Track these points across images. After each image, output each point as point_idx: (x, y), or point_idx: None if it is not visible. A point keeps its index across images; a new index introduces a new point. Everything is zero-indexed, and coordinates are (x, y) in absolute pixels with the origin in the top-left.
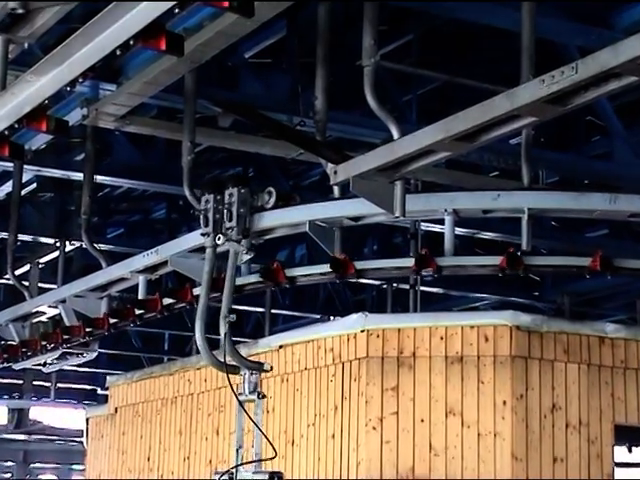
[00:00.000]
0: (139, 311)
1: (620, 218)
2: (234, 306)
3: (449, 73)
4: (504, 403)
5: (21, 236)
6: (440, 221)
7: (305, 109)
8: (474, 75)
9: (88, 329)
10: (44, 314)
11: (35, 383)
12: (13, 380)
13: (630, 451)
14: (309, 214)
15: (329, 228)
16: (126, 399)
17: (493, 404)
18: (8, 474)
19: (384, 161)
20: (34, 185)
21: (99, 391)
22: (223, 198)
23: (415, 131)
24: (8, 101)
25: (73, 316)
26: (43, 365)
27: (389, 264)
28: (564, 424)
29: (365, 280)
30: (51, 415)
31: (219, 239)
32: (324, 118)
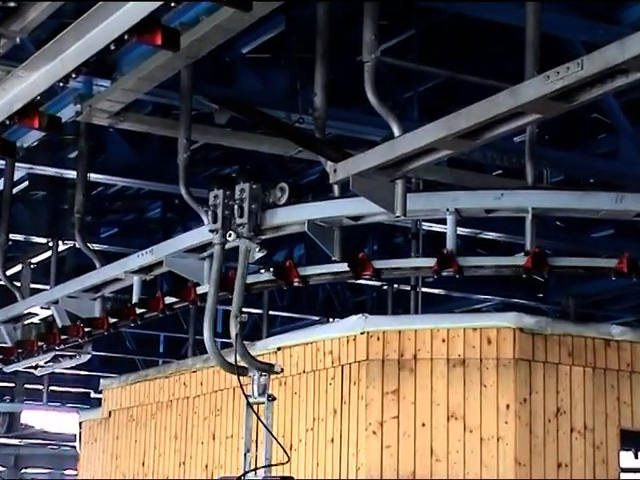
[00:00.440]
0: (140, 310)
1: (626, 218)
2: (228, 307)
3: (451, 69)
4: (507, 407)
5: (13, 235)
6: (442, 221)
7: (304, 106)
8: (477, 71)
9: (86, 329)
10: (36, 315)
11: (27, 386)
12: (4, 383)
13: (636, 456)
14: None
15: (328, 228)
16: (120, 402)
17: (496, 408)
18: None
19: (385, 159)
20: (26, 183)
21: (92, 394)
22: (233, 193)
23: (416, 128)
24: None
25: (66, 317)
26: (35, 368)
27: (409, 264)
28: (569, 429)
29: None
30: (43, 419)
31: (230, 236)
32: (323, 115)
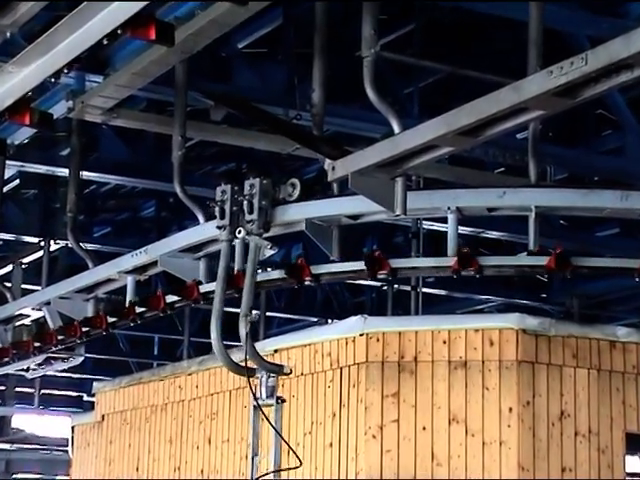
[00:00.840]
0: (140, 309)
1: (632, 217)
2: (227, 308)
3: (453, 64)
4: (510, 410)
5: (3, 235)
6: (443, 220)
7: (302, 102)
8: (479, 66)
9: (84, 329)
10: (28, 317)
11: (18, 389)
12: None
13: None
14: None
15: (327, 227)
16: (113, 406)
17: (498, 411)
18: None
19: (384, 157)
20: (17, 181)
21: (85, 398)
22: (242, 189)
23: (417, 125)
24: None
25: (58, 319)
26: (26, 370)
27: (427, 263)
28: (573, 432)
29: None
30: (35, 423)
31: (239, 232)
32: (322, 111)
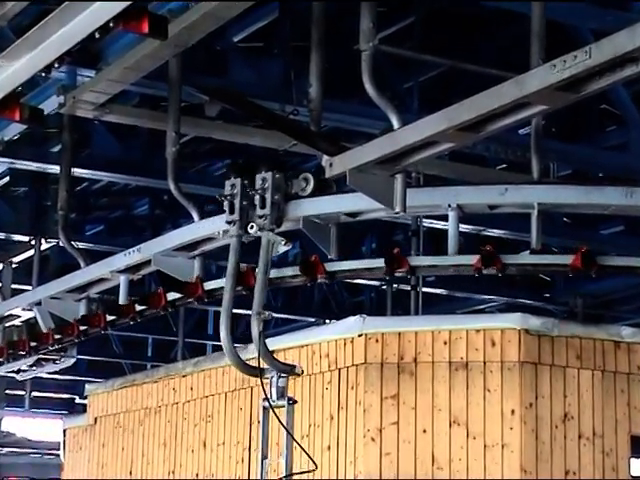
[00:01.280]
0: (140, 307)
1: (637, 214)
2: (220, 308)
3: (453, 58)
4: (512, 412)
5: None
6: (443, 217)
7: (299, 97)
8: (480, 60)
9: (82, 327)
10: (18, 318)
11: (8, 392)
12: None
13: None
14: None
15: (324, 225)
16: (106, 409)
17: (500, 413)
18: None
19: (383, 153)
20: (7, 179)
21: (77, 400)
22: (253, 183)
23: (417, 120)
24: None
25: (49, 319)
26: (17, 372)
27: (448, 262)
28: (577, 435)
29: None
30: (25, 426)
31: (252, 227)
32: (319, 107)
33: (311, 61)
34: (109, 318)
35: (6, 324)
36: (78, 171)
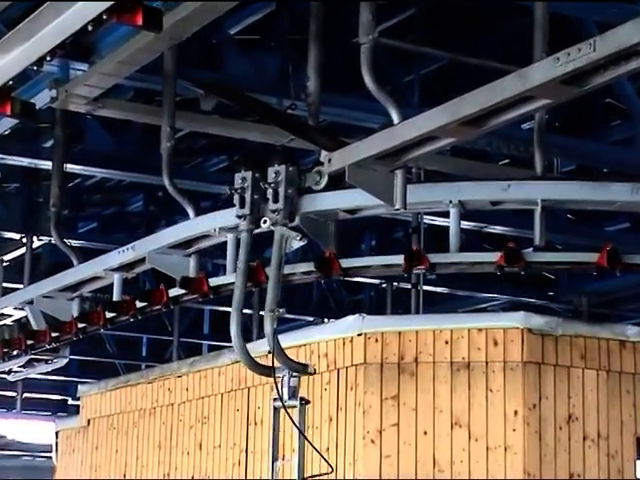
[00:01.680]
0: (141, 304)
1: None
2: (218, 307)
3: (455, 51)
4: (515, 413)
5: None
6: (445, 214)
7: (296, 91)
8: (482, 53)
9: (80, 325)
10: (9, 317)
11: None
12: None
13: None
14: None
15: (322, 222)
16: (100, 410)
17: (503, 415)
18: None
19: (383, 148)
20: None
21: (70, 401)
22: (265, 176)
23: (417, 115)
24: None
25: (41, 319)
26: (8, 373)
27: (469, 258)
28: (581, 436)
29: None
30: (17, 428)
31: (265, 222)
32: (317, 101)
33: (309, 54)
34: (108, 315)
35: None
36: (71, 167)
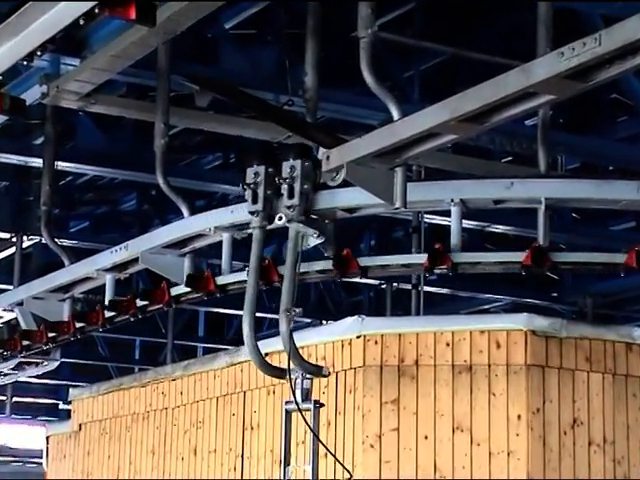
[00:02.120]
0: (142, 303)
1: None
2: (213, 309)
3: (456, 46)
4: (518, 418)
5: None
6: (446, 213)
7: (294, 86)
8: (484, 48)
9: (79, 325)
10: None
11: None
12: None
13: None
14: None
15: (321, 221)
16: (91, 414)
17: (506, 419)
18: None
19: (383, 145)
20: None
21: (61, 405)
22: (279, 171)
23: (417, 111)
24: None
25: (31, 320)
26: None
27: (493, 258)
28: (586, 441)
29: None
30: (6, 433)
31: (280, 219)
32: (315, 97)
33: (306, 49)
34: (108, 315)
35: None
36: (62, 164)
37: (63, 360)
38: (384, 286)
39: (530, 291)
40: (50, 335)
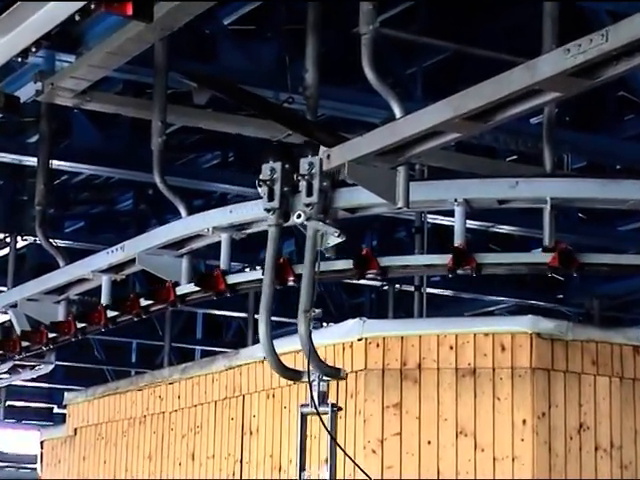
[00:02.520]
0: (146, 302)
1: None
2: (211, 311)
3: (459, 42)
4: (524, 422)
5: None
6: (449, 213)
7: (294, 84)
8: (488, 44)
9: (80, 325)
10: None
11: None
12: None
13: None
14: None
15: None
16: (87, 419)
17: (511, 424)
18: None
19: (385, 144)
20: None
21: (56, 410)
22: (297, 167)
23: (420, 109)
24: None
25: (25, 322)
26: None
27: (519, 259)
28: (593, 447)
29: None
30: (0, 438)
31: (299, 217)
32: (315, 94)
33: (307, 45)
34: (110, 314)
35: None
36: (57, 163)
37: (58, 363)
38: (386, 288)
39: (535, 293)
40: (51, 336)
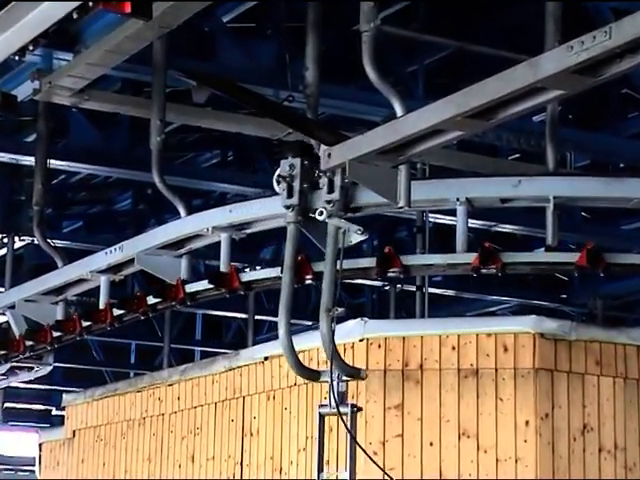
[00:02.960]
0: (153, 300)
1: None
2: (211, 311)
3: (461, 40)
4: (526, 424)
5: None
6: (451, 212)
7: (294, 82)
8: (489, 42)
9: (85, 324)
10: None
11: None
12: None
13: None
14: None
15: (322, 221)
16: (85, 421)
17: (514, 425)
18: None
19: (386, 142)
20: None
21: (54, 412)
22: (317, 163)
23: (422, 107)
24: None
25: (23, 323)
26: None
27: (546, 258)
28: (597, 448)
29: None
30: None
31: (321, 214)
32: (316, 92)
33: (307, 43)
34: (117, 313)
35: None
36: (54, 163)
37: (56, 365)
38: (387, 288)
39: (538, 293)
40: (55, 335)
